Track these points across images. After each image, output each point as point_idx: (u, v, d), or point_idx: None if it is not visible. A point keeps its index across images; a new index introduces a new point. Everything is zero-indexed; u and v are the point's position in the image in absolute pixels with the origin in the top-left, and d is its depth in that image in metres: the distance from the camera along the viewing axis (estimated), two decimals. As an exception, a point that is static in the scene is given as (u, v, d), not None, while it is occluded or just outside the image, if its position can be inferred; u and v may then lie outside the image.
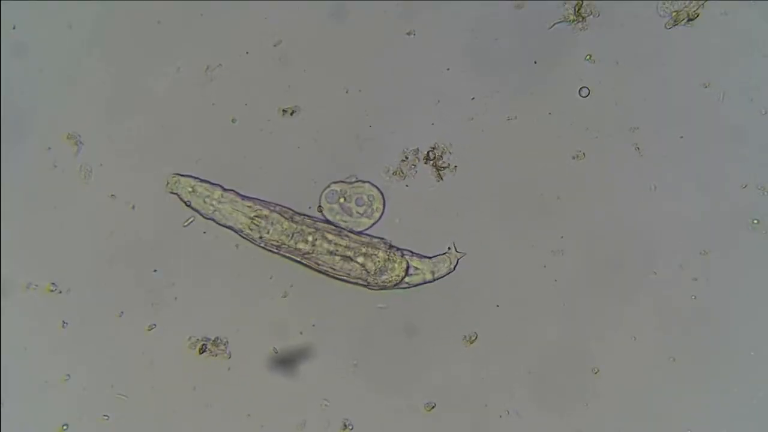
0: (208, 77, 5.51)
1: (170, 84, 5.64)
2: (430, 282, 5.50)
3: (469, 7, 5.55)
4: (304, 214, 5.52)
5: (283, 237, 5.43)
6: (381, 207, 5.52)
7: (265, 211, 5.47)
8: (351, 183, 5.46)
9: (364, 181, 5.52)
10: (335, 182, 5.54)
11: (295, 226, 5.42)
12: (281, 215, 5.46)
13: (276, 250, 5.49)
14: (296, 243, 5.42)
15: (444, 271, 5.49)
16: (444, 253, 5.51)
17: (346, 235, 5.47)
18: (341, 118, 5.61)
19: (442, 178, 5.45)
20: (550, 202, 5.54)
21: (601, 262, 5.53)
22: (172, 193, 5.51)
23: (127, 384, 5.64)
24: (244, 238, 5.51)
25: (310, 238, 5.42)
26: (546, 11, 5.49)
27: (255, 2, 5.63)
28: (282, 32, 5.61)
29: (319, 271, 5.50)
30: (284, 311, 5.60)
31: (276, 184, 5.62)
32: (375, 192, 5.52)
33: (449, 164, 5.45)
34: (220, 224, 5.51)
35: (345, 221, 5.52)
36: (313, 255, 5.44)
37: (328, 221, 5.50)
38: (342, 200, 5.47)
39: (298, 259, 5.49)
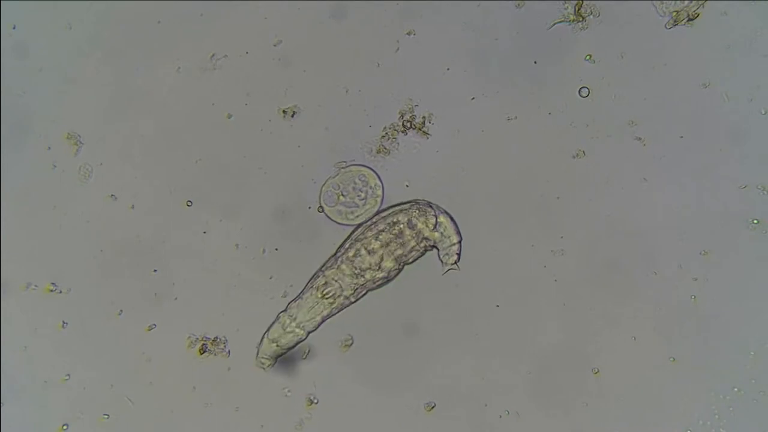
0: (213, 65, 5.50)
1: (170, 84, 5.65)
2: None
3: (469, 7, 5.55)
4: (338, 250, 5.50)
5: (356, 280, 5.41)
6: (378, 182, 5.51)
7: (321, 281, 5.45)
8: (343, 168, 5.45)
9: (349, 164, 5.49)
10: (324, 182, 5.53)
11: (350, 264, 5.39)
12: (333, 269, 5.44)
13: (369, 288, 5.48)
14: (369, 274, 5.40)
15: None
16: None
17: (374, 224, 5.44)
18: (341, 118, 5.61)
19: (428, 134, 5.43)
20: (550, 202, 5.54)
21: (601, 262, 5.53)
22: (272, 365, 5.54)
23: (127, 384, 5.64)
24: (343, 309, 5.49)
25: (369, 258, 5.39)
26: (546, 11, 5.49)
27: (255, 2, 5.63)
28: (282, 32, 5.61)
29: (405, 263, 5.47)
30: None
31: (276, 184, 5.63)
32: (364, 170, 5.50)
33: (424, 118, 5.43)
34: (319, 326, 5.51)
35: (357, 214, 5.51)
36: (388, 261, 5.41)
37: (352, 228, 5.49)
38: (341, 198, 5.47)
39: (387, 275, 5.46)
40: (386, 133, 5.40)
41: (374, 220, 5.47)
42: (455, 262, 5.43)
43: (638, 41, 5.48)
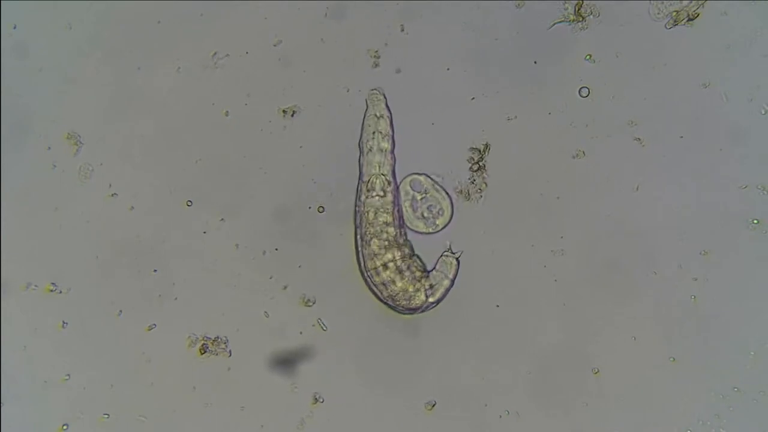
0: (214, 63, 5.50)
1: (170, 84, 5.65)
2: (451, 286, 5.51)
3: (469, 7, 5.55)
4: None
5: (376, 213, 5.45)
6: (443, 224, 5.54)
7: (390, 189, 5.48)
8: (434, 183, 5.47)
9: (446, 191, 5.52)
10: (422, 174, 5.54)
11: (388, 219, 5.45)
12: (388, 214, 5.47)
13: (359, 219, 5.50)
14: (378, 216, 5.43)
15: (454, 270, 5.50)
16: (442, 256, 5.53)
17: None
18: (341, 118, 5.61)
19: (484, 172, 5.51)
20: (550, 202, 5.55)
21: (601, 262, 5.53)
22: (370, 97, 5.48)
23: (127, 384, 5.64)
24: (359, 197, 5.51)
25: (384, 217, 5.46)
26: (546, 11, 5.49)
27: (255, 2, 5.63)
28: (282, 32, 5.61)
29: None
30: (284, 311, 5.60)
31: (276, 184, 5.63)
32: (447, 208, 5.53)
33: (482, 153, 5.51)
34: (361, 149, 5.52)
35: (406, 211, 5.55)
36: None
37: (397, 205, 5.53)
38: (420, 197, 5.49)
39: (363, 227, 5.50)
40: (473, 181, 5.44)
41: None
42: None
43: (638, 41, 5.48)
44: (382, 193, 5.46)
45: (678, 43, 5.47)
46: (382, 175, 5.46)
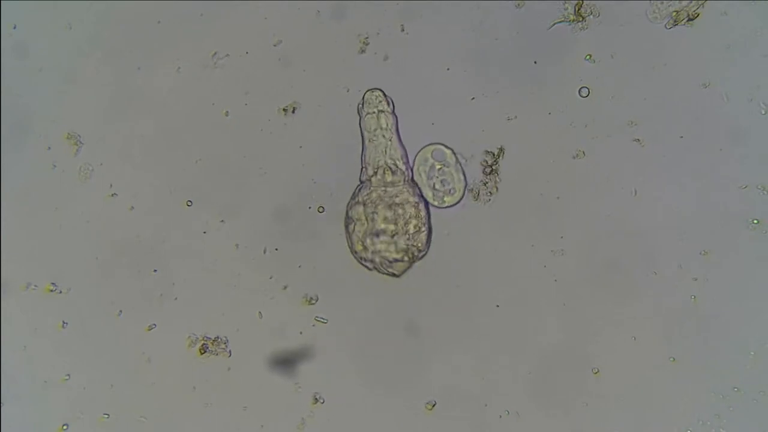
0: (214, 63, 5.50)
1: (170, 84, 5.65)
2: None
3: (469, 7, 5.55)
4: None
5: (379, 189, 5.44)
6: (450, 204, 5.51)
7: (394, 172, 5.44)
8: (457, 161, 5.45)
9: (464, 174, 5.51)
10: (448, 147, 5.53)
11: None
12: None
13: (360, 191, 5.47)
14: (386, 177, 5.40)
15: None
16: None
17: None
18: (341, 117, 5.61)
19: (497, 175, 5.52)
20: (550, 202, 5.55)
21: (601, 262, 5.53)
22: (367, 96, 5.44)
23: (127, 384, 5.64)
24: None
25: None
26: (546, 11, 5.49)
27: (255, 2, 5.63)
28: (282, 32, 5.61)
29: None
30: (284, 311, 5.60)
31: (276, 184, 5.63)
32: (459, 190, 5.51)
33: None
34: (363, 135, 5.48)
35: (419, 176, 5.53)
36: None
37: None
38: (439, 167, 5.47)
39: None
40: (485, 184, 5.43)
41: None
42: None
43: (638, 41, 5.48)
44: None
45: (678, 43, 5.47)
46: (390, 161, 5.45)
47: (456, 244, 5.56)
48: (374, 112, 5.47)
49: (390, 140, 5.45)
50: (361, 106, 5.50)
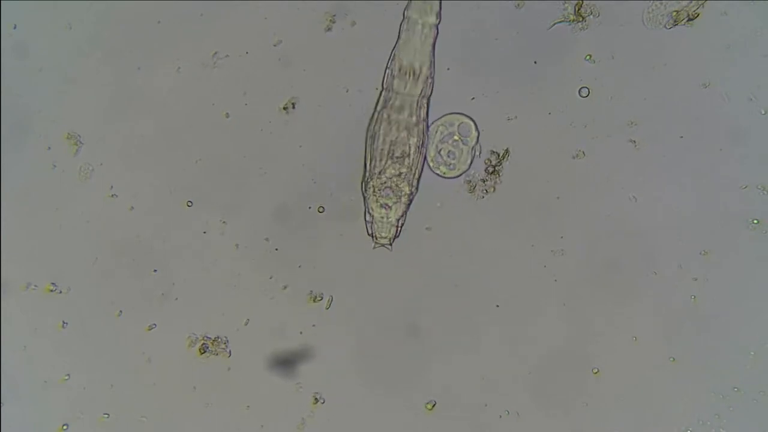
0: (214, 63, 5.50)
1: (170, 84, 5.65)
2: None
3: (469, 7, 5.55)
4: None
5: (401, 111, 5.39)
6: (441, 174, 5.49)
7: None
8: (475, 144, 5.43)
9: (473, 158, 5.50)
10: (478, 130, 5.53)
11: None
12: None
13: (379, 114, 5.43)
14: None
15: None
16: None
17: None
18: (341, 118, 5.61)
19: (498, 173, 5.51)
20: (550, 202, 5.55)
21: (601, 262, 5.53)
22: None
23: (127, 384, 5.64)
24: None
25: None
26: (546, 11, 5.49)
27: (255, 2, 5.63)
28: (282, 32, 5.61)
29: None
30: (284, 310, 5.60)
31: (276, 184, 5.63)
32: (458, 171, 5.50)
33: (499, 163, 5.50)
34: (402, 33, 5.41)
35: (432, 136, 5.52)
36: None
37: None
38: (456, 138, 5.43)
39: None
40: (484, 181, 5.42)
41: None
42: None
43: (638, 41, 5.48)
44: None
45: (678, 43, 5.47)
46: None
47: (456, 243, 5.56)
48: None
49: (424, 40, 5.35)
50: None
